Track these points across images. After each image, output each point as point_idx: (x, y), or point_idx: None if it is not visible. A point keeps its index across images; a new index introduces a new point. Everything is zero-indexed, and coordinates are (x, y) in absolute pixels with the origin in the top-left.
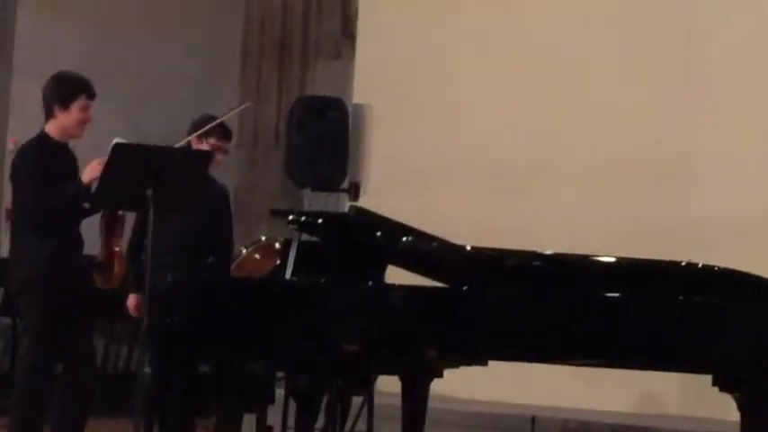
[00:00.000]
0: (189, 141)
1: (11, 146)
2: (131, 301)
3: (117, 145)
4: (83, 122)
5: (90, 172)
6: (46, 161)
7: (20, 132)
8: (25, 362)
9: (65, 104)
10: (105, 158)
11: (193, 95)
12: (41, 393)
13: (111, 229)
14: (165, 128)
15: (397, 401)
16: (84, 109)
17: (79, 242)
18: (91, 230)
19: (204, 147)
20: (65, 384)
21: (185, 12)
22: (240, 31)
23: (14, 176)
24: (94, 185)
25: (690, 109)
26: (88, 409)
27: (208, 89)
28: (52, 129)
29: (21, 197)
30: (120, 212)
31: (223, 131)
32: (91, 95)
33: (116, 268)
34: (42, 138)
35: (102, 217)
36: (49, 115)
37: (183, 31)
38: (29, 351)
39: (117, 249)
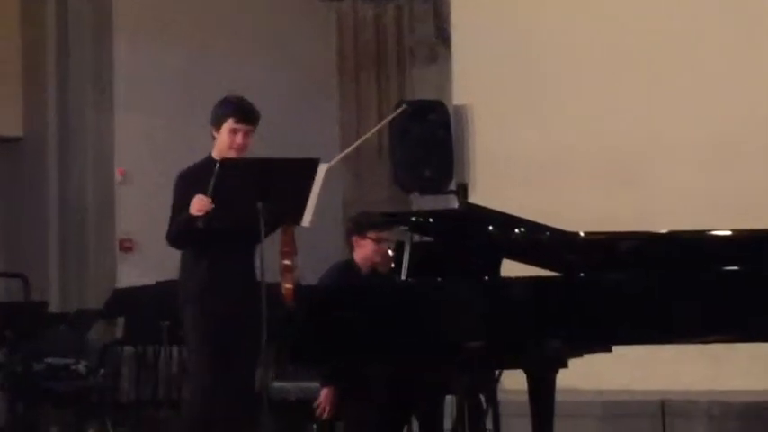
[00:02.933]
0: (351, 240)
1: (118, 177)
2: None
3: (223, 160)
4: (231, 146)
5: (197, 205)
6: (193, 182)
7: (126, 163)
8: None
9: (217, 125)
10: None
11: (294, 109)
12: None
13: (281, 243)
14: (267, 143)
15: (524, 398)
16: (233, 132)
17: (230, 264)
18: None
19: (367, 242)
20: (223, 412)
21: (276, 27)
22: (334, 43)
23: None
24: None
25: None
26: None
27: (307, 103)
28: (214, 150)
29: None
30: (288, 226)
31: (380, 225)
32: (241, 119)
33: (283, 285)
34: (205, 160)
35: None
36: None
37: (276, 46)
38: (189, 372)
39: (285, 264)
